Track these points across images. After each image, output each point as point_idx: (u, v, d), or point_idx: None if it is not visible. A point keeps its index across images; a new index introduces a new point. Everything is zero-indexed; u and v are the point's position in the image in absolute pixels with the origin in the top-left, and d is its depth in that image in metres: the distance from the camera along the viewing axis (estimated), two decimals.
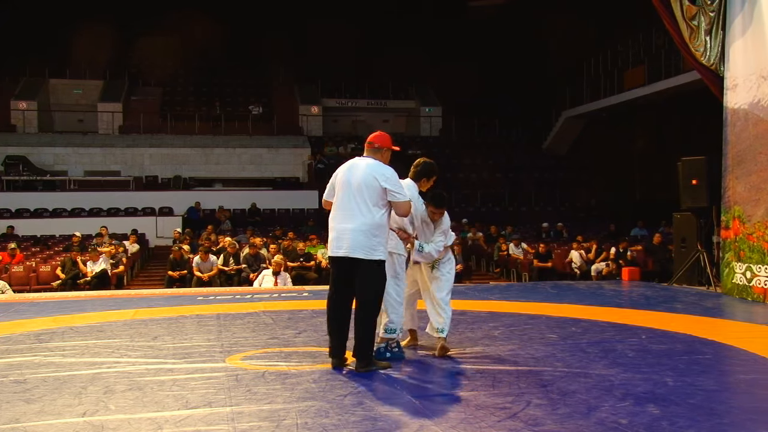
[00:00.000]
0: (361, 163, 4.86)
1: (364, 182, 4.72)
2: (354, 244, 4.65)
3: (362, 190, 4.71)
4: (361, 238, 4.65)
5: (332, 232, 4.81)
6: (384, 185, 4.69)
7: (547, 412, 3.70)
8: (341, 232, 4.72)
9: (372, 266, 4.67)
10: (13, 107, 24.91)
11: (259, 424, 3.54)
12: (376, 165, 4.81)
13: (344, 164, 4.95)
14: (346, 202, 4.75)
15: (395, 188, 4.74)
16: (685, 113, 19.89)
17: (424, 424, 3.53)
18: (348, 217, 4.71)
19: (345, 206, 4.75)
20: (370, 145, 4.97)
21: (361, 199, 4.70)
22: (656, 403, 3.84)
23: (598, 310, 7.72)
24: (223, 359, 5.14)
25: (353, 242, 4.65)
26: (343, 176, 4.84)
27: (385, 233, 4.77)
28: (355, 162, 4.90)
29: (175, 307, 8.47)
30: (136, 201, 20.56)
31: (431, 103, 28.68)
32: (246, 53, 27.91)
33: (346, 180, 4.80)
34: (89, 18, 23.70)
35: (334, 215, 4.83)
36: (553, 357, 5.13)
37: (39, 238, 17.07)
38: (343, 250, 4.70)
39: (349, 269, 4.73)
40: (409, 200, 4.82)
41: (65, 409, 3.84)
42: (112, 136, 24.69)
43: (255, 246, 13.44)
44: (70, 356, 5.35)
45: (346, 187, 4.78)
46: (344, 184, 4.80)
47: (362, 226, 4.66)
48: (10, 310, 8.51)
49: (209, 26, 25.59)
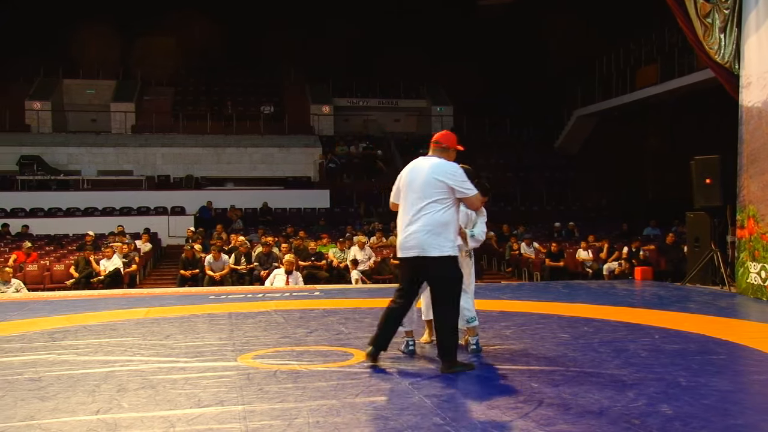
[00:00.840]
0: (425, 163, 4.84)
1: (427, 181, 4.71)
2: (424, 243, 4.64)
3: (425, 190, 4.70)
4: (429, 237, 4.64)
5: (400, 234, 4.80)
6: (450, 183, 4.69)
7: (559, 412, 3.69)
8: (409, 233, 4.71)
9: (446, 262, 4.67)
10: (27, 107, 25.12)
11: (271, 422, 3.54)
12: (440, 163, 4.80)
13: (408, 165, 4.94)
14: (411, 203, 4.75)
15: (462, 185, 4.73)
16: (698, 112, 19.75)
17: (435, 423, 3.52)
18: (414, 217, 4.71)
19: (411, 207, 4.74)
20: (438, 144, 4.95)
21: (426, 198, 4.69)
22: (669, 404, 3.81)
23: (610, 310, 7.69)
24: (235, 358, 5.16)
25: (423, 242, 4.64)
26: (407, 177, 4.83)
27: (452, 230, 4.76)
28: (419, 162, 4.88)
29: (187, 306, 8.51)
30: (149, 200, 20.68)
31: (442, 102, 28.65)
32: (257, 53, 27.98)
33: (410, 181, 4.80)
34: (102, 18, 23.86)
35: (401, 217, 4.82)
36: (564, 357, 5.11)
37: (53, 237, 17.20)
38: (414, 250, 4.69)
39: (418, 270, 4.75)
40: (478, 193, 4.82)
41: (79, 407, 3.87)
42: (125, 136, 24.84)
43: (268, 245, 13.48)
44: (84, 354, 5.39)
45: (410, 188, 4.78)
46: (408, 185, 4.79)
47: (428, 226, 4.65)
48: (25, 308, 8.58)
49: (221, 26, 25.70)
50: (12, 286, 11.43)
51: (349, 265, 13.53)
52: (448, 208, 4.70)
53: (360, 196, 22.06)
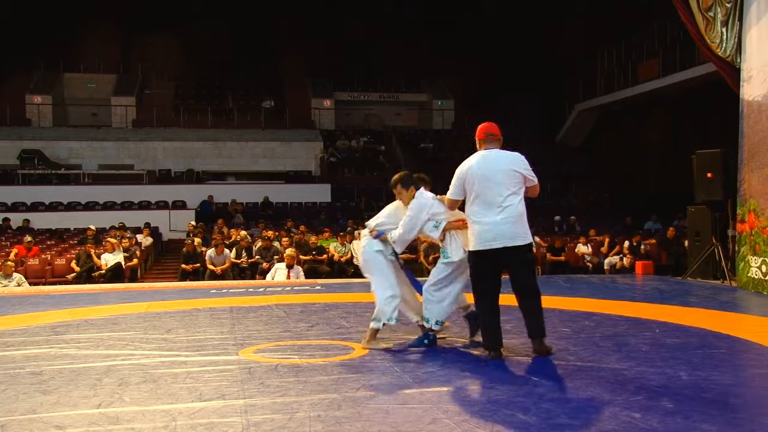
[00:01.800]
0: (493, 155, 4.88)
1: (507, 174, 4.79)
2: (511, 234, 4.74)
3: (507, 182, 4.77)
4: (515, 228, 4.75)
5: (478, 226, 4.79)
6: (524, 172, 4.81)
7: (561, 405, 3.69)
8: (493, 225, 4.75)
9: (529, 249, 4.84)
10: (28, 101, 25.09)
11: (272, 416, 3.55)
12: (514, 155, 4.90)
13: (470, 161, 4.91)
14: (491, 196, 4.77)
15: (532, 173, 4.88)
16: (700, 106, 19.70)
17: (436, 417, 3.53)
18: (496, 209, 4.75)
19: (491, 199, 4.77)
20: (492, 136, 4.99)
21: (506, 189, 4.77)
22: (670, 398, 3.82)
23: (611, 304, 7.69)
24: (236, 352, 5.17)
25: (510, 232, 4.74)
26: (479, 170, 4.82)
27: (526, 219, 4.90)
28: (485, 155, 4.89)
29: (188, 300, 8.52)
30: (150, 195, 20.69)
31: (443, 96, 28.60)
32: (258, 47, 27.94)
33: (484, 174, 4.80)
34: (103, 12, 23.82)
35: (478, 210, 4.81)
36: (566, 351, 5.11)
37: (54, 232, 17.21)
38: (499, 241, 4.74)
39: (502, 261, 4.82)
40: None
41: (81, 401, 3.88)
42: (126, 130, 24.82)
43: (268, 239, 13.48)
44: (86, 348, 5.40)
45: (490, 181, 4.78)
46: (483, 179, 4.79)
47: (512, 217, 4.75)
48: (27, 302, 8.59)
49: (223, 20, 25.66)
50: (14, 280, 11.45)
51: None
52: (522, 199, 4.85)
53: (361, 190, 22.05)
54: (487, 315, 4.92)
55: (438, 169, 23.48)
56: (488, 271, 4.89)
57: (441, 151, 25.23)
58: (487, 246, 4.76)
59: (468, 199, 4.89)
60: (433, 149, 25.39)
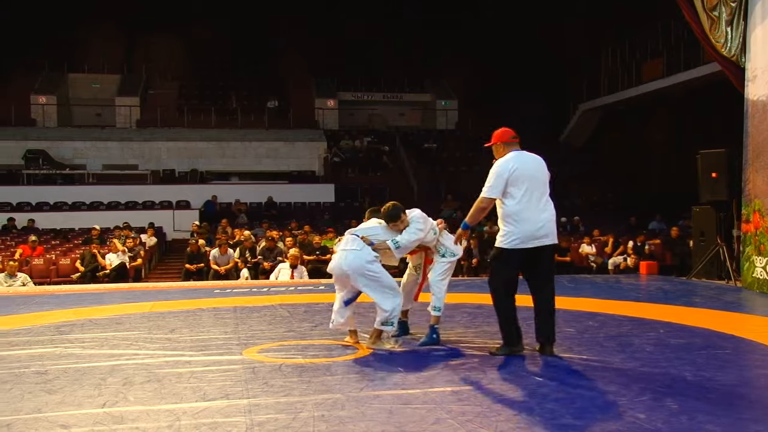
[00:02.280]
0: (529, 156, 5.06)
1: (544, 173, 5.04)
2: (552, 231, 4.97)
3: (545, 180, 5.03)
4: (554, 226, 5.00)
5: (526, 224, 4.87)
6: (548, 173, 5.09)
7: (565, 406, 3.69)
8: (543, 222, 4.90)
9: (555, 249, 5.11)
10: (32, 102, 25.15)
11: (276, 416, 3.55)
12: (538, 156, 5.10)
13: (514, 159, 4.96)
14: (537, 194, 4.93)
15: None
16: (704, 105, 19.67)
17: (440, 417, 3.53)
18: (543, 207, 4.94)
19: (538, 198, 4.93)
20: (515, 138, 5.15)
21: (546, 188, 5.02)
22: (675, 398, 3.81)
23: (615, 304, 7.69)
24: (240, 352, 5.17)
25: (552, 230, 4.96)
26: (527, 171, 4.93)
27: None
28: (522, 156, 5.01)
29: (192, 300, 8.54)
30: (154, 195, 20.73)
31: (447, 96, 28.58)
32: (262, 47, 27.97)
33: (532, 174, 4.94)
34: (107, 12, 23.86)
35: (524, 208, 4.88)
36: (570, 351, 5.10)
37: (59, 231, 17.25)
38: (549, 238, 4.93)
39: (534, 259, 4.95)
40: None
41: (86, 400, 3.89)
42: (130, 130, 24.86)
43: (272, 239, 13.49)
44: (90, 348, 5.41)
45: (535, 180, 4.93)
46: (532, 178, 4.93)
47: (553, 215, 5.01)
48: (31, 302, 8.62)
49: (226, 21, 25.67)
50: (18, 279, 11.49)
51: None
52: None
53: (365, 190, 22.05)
54: (511, 312, 5.03)
55: (441, 168, 23.60)
56: (519, 269, 5.03)
57: (444, 151, 25.22)
58: (535, 243, 4.89)
59: (508, 198, 4.91)
60: (437, 149, 25.38)
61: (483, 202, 4.99)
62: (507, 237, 4.92)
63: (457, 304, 7.59)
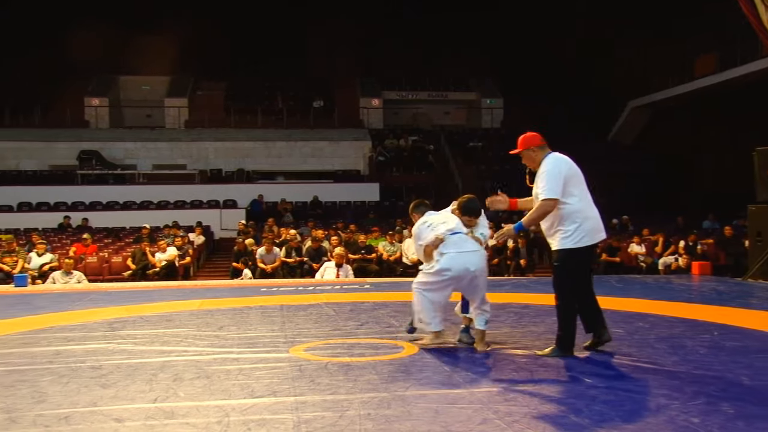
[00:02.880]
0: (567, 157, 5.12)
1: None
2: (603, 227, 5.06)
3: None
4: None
5: (590, 221, 4.91)
6: None
7: (614, 408, 3.61)
8: (598, 218, 4.99)
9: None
10: (86, 104, 25.86)
11: (323, 414, 3.57)
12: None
13: (562, 158, 4.98)
14: (588, 193, 5.00)
15: None
16: (760, 101, 19.08)
17: (486, 417, 3.49)
18: (593, 204, 5.04)
19: (589, 196, 5.01)
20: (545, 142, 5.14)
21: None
22: (731, 403, 3.69)
23: (666, 305, 7.50)
24: (287, 350, 5.21)
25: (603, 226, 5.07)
26: (576, 168, 4.99)
27: None
28: (564, 156, 5.06)
29: (239, 298, 8.65)
30: (202, 194, 21.10)
31: (492, 94, 28.36)
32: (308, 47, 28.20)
33: (580, 172, 5.01)
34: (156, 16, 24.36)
35: (585, 206, 4.93)
36: (619, 352, 5.00)
37: (111, 230, 17.69)
38: (604, 233, 5.05)
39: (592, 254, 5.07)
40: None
41: (138, 395, 3.97)
42: (179, 131, 25.36)
43: (317, 240, 13.57)
44: (141, 344, 5.53)
45: (583, 178, 5.01)
46: (581, 175, 5.00)
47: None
48: (86, 299, 8.86)
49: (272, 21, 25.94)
50: (74, 277, 11.82)
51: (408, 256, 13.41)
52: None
53: (410, 189, 22.04)
54: (575, 315, 4.96)
55: (486, 167, 23.42)
56: (589, 264, 5.06)
57: (489, 149, 25.04)
58: (597, 239, 4.95)
59: (569, 197, 4.86)
60: (482, 148, 25.21)
61: (548, 206, 4.84)
62: (574, 236, 4.83)
63: (503, 303, 7.52)
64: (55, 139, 23.32)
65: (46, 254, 13.07)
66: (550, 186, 4.82)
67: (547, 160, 4.94)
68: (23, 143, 23.03)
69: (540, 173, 4.91)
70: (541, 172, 4.90)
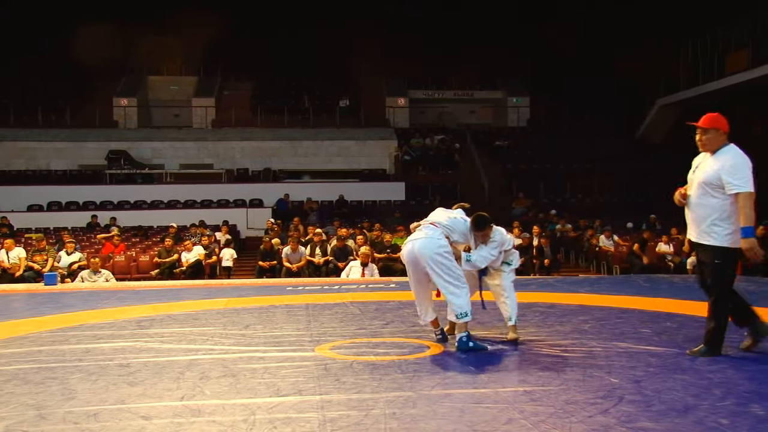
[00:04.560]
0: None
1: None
2: None
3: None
4: None
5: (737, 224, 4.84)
6: None
7: (641, 409, 3.58)
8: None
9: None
10: (115, 104, 26.21)
11: (348, 413, 3.58)
12: None
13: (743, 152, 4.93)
14: None
15: None
16: None
17: (512, 417, 3.48)
18: None
19: None
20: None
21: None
22: (761, 404, 3.63)
23: (694, 305, 7.37)
24: (312, 348, 5.24)
25: None
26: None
27: None
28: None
29: (265, 296, 8.71)
30: (228, 193, 21.27)
31: (518, 93, 28.18)
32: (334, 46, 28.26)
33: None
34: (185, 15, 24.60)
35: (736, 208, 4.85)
36: (646, 352, 4.95)
37: (138, 229, 17.92)
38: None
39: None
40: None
41: (165, 393, 4.02)
42: (206, 130, 25.57)
43: (342, 239, 13.60)
44: (168, 342, 5.59)
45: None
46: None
47: None
48: (114, 297, 8.99)
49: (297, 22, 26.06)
50: (102, 276, 11.99)
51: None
52: None
53: (436, 188, 21.99)
54: (728, 313, 4.89)
55: (513, 166, 23.29)
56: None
57: (516, 148, 24.89)
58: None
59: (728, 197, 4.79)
60: (508, 147, 25.07)
61: (750, 199, 4.74)
62: (732, 235, 4.74)
63: (529, 303, 7.47)
64: (85, 139, 23.66)
65: (75, 253, 13.28)
66: (744, 178, 4.68)
67: (732, 150, 4.79)
68: (54, 143, 23.40)
69: (726, 164, 4.75)
70: (731, 163, 4.73)
